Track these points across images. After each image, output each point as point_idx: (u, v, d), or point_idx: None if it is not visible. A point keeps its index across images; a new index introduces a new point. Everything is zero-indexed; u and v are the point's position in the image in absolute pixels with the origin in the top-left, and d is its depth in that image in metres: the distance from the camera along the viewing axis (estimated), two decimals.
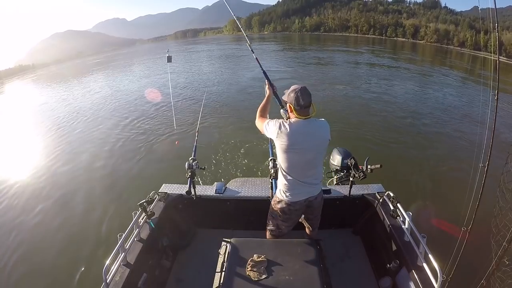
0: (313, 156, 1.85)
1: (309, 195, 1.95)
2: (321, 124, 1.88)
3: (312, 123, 1.83)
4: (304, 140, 1.79)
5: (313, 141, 1.82)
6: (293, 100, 1.79)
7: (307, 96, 1.78)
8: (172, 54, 4.17)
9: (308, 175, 1.89)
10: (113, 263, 1.90)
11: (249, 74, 17.06)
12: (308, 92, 1.80)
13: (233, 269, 1.77)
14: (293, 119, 1.84)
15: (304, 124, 1.80)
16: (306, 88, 1.81)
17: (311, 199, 1.97)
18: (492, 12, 2.11)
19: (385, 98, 11.31)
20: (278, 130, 1.81)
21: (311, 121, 1.83)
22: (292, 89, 1.82)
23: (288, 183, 1.89)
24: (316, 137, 1.82)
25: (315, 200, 2.00)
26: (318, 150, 1.87)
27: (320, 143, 1.86)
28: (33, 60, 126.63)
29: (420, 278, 1.82)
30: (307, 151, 1.81)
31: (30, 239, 4.23)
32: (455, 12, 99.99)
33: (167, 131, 7.99)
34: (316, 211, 2.10)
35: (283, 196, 1.94)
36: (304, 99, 1.76)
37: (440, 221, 3.65)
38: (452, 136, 7.50)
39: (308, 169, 1.88)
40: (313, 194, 1.96)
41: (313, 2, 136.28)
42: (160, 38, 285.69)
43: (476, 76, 18.20)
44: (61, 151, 7.44)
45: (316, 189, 1.98)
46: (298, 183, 1.88)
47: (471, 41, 59.15)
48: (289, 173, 1.87)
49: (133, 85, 16.63)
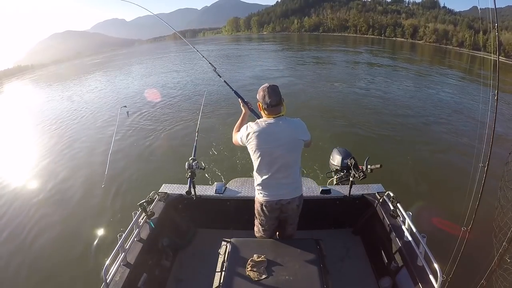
0: (281, 156, 1.78)
1: (280, 198, 1.87)
2: (293, 123, 1.83)
3: (281, 122, 1.79)
4: (271, 139, 1.77)
5: (281, 140, 1.76)
6: (261, 98, 1.77)
7: (274, 94, 1.75)
8: (171, 54, 4.16)
9: (277, 177, 1.82)
10: (113, 263, 1.90)
11: (248, 73, 17.10)
12: (276, 91, 1.77)
13: (233, 269, 1.77)
14: (262, 119, 1.84)
15: (271, 123, 1.78)
16: (275, 87, 1.79)
17: (284, 203, 1.89)
18: (492, 12, 2.12)
19: (384, 98, 11.32)
20: (246, 132, 1.81)
21: (281, 120, 1.80)
22: (261, 87, 1.80)
23: (259, 183, 1.88)
24: (284, 137, 1.77)
25: (288, 204, 1.90)
26: (288, 150, 1.79)
27: (289, 142, 1.79)
28: (32, 60, 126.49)
29: (420, 278, 1.82)
30: (273, 150, 1.77)
31: (29, 239, 4.21)
32: (454, 12, 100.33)
33: (167, 131, 7.99)
34: (290, 218, 2.02)
35: (258, 196, 1.94)
36: (271, 98, 1.74)
37: (440, 220, 3.66)
38: (452, 136, 7.51)
39: (277, 170, 1.80)
40: (285, 197, 1.87)
41: (312, 2, 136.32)
42: (159, 38, 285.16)
43: (475, 76, 18.26)
44: (60, 151, 7.42)
45: (289, 192, 1.88)
46: (267, 184, 1.85)
47: (470, 41, 59.29)
48: (259, 173, 1.85)
49: (132, 85, 16.60)
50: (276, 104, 1.76)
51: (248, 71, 18.21)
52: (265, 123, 1.79)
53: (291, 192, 1.88)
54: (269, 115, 1.80)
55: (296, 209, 1.98)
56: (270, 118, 1.80)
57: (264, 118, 1.83)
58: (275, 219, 2.01)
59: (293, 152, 1.83)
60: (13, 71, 60.19)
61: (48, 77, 31.72)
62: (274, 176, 1.82)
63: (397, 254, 2.17)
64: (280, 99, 1.78)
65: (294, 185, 1.89)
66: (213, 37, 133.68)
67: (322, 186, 2.81)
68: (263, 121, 1.81)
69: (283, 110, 1.82)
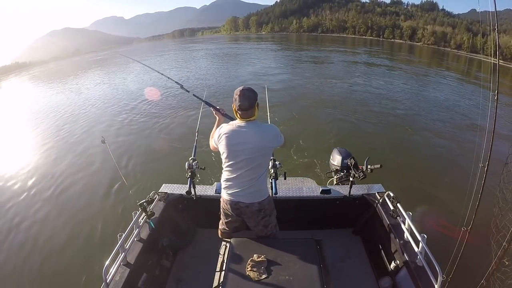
0: (245, 160, 1.79)
1: (239, 200, 1.90)
2: (263, 130, 1.81)
3: (251, 127, 1.78)
4: (238, 143, 1.79)
5: (247, 145, 1.77)
6: (234, 101, 1.77)
7: (245, 98, 1.73)
8: (170, 54, 4.17)
9: (240, 180, 1.84)
10: (113, 263, 1.89)
11: (250, 68, 17.10)
12: (248, 95, 1.74)
13: (233, 269, 1.76)
14: (235, 121, 1.85)
15: (241, 126, 1.79)
16: (249, 90, 1.77)
17: (242, 206, 1.91)
18: (491, 15, 2.13)
19: (384, 98, 11.38)
20: (218, 133, 1.85)
21: (252, 124, 1.79)
22: (236, 90, 1.78)
23: (223, 181, 1.92)
24: (251, 142, 1.76)
25: (246, 208, 1.91)
26: (254, 155, 1.78)
27: (255, 148, 1.78)
28: (30, 57, 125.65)
29: (420, 278, 1.83)
30: (239, 154, 1.79)
31: (29, 239, 4.19)
32: (452, 14, 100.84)
33: (167, 131, 7.97)
34: (252, 220, 2.00)
35: (222, 193, 1.99)
36: (241, 101, 1.72)
37: (440, 221, 3.67)
38: (452, 136, 7.56)
39: (241, 173, 1.82)
40: (244, 201, 1.89)
41: (310, 2, 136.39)
42: (158, 37, 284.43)
43: (474, 78, 18.40)
44: (60, 151, 7.38)
45: (248, 197, 1.88)
46: (230, 185, 1.89)
47: (468, 43, 59.66)
48: (224, 173, 1.90)
49: (132, 84, 16.53)
50: (247, 108, 1.74)
51: (247, 68, 18.29)
52: (236, 126, 1.80)
53: (250, 196, 1.89)
54: (241, 118, 1.79)
55: (257, 213, 1.95)
56: (242, 121, 1.80)
57: (237, 121, 1.83)
58: (235, 218, 2.04)
59: (259, 158, 1.82)
60: (11, 68, 59.93)
61: (46, 74, 31.60)
62: (237, 178, 1.85)
63: (397, 254, 2.18)
64: (252, 103, 1.75)
65: (255, 191, 1.88)
66: (212, 36, 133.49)
67: (322, 186, 2.81)
68: (235, 123, 1.82)
69: (255, 114, 1.80)
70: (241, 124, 1.79)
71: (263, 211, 1.96)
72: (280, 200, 2.59)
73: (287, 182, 3.15)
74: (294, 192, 2.71)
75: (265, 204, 1.95)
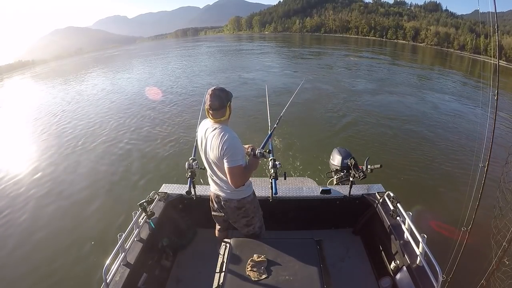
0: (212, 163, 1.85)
1: (217, 192, 1.98)
2: (214, 137, 1.74)
3: (216, 132, 1.74)
4: (202, 147, 1.87)
5: (208, 152, 1.82)
6: (206, 101, 1.74)
7: (215, 98, 1.69)
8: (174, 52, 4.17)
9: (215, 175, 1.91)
10: (113, 263, 1.90)
11: (249, 68, 17.12)
12: (219, 95, 1.70)
13: (233, 269, 1.77)
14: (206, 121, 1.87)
15: (208, 129, 1.80)
16: (221, 90, 1.72)
17: (222, 200, 1.97)
18: (492, 16, 2.12)
19: (384, 98, 11.36)
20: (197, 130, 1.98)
21: (218, 129, 1.75)
22: (208, 90, 1.75)
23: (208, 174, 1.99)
24: (212, 148, 1.76)
25: (226, 202, 1.96)
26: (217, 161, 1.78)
27: (215, 156, 1.77)
28: (33, 56, 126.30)
29: (420, 278, 1.83)
30: (207, 157, 1.86)
31: (29, 238, 4.20)
32: (455, 15, 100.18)
33: (167, 131, 7.98)
34: (232, 217, 2.05)
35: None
36: (212, 101, 1.69)
37: (440, 221, 3.66)
38: (452, 136, 7.52)
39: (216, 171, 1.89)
40: (222, 195, 1.96)
41: (314, 2, 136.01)
42: (161, 36, 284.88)
43: (475, 78, 18.28)
44: (60, 150, 7.39)
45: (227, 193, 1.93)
46: (212, 179, 1.97)
47: (471, 44, 59.25)
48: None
49: (132, 84, 16.58)
50: (217, 108, 1.70)
51: (247, 68, 18.34)
52: (205, 128, 1.83)
53: (229, 193, 1.94)
54: (212, 118, 1.77)
55: (236, 210, 1.97)
56: (212, 121, 1.78)
57: (208, 121, 1.83)
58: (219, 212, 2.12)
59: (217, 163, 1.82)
60: (15, 66, 60.45)
61: (48, 73, 31.75)
62: (213, 175, 1.94)
63: (397, 254, 2.18)
64: (222, 104, 1.70)
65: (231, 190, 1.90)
66: (216, 36, 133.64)
67: (322, 186, 2.81)
68: (205, 125, 1.85)
69: (226, 115, 1.77)
70: (209, 127, 1.80)
71: (243, 209, 1.98)
72: (280, 200, 2.59)
73: (287, 182, 3.15)
74: (294, 192, 2.71)
75: (246, 203, 1.97)
